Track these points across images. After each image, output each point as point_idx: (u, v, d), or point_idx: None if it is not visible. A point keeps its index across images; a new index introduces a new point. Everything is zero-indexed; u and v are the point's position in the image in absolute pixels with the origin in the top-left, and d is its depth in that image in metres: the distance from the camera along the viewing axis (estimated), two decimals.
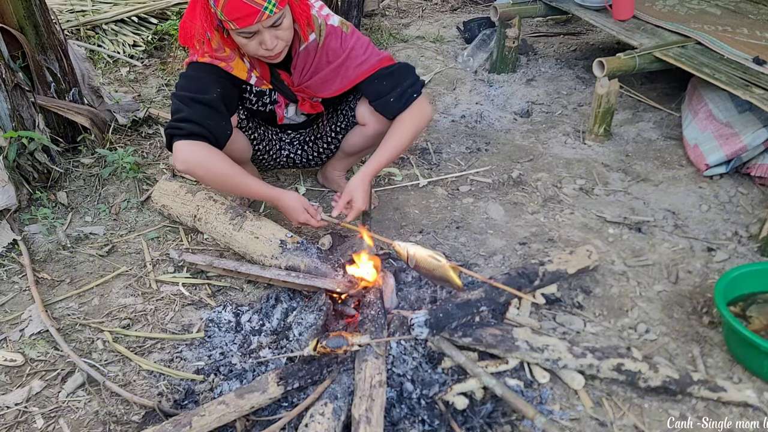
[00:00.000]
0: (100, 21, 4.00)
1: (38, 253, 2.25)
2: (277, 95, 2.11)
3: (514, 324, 1.82)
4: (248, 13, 1.69)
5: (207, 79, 1.90)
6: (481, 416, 1.58)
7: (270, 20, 1.73)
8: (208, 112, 1.86)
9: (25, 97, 2.50)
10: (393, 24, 4.43)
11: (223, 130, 1.90)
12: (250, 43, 1.80)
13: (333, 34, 1.99)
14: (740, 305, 1.86)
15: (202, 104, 1.86)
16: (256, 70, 2.00)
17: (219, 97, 1.88)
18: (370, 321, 1.70)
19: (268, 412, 1.59)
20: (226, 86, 1.93)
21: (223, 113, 1.90)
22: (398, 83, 2.01)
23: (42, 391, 1.74)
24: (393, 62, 2.05)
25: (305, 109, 2.16)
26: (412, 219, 2.39)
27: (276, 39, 1.79)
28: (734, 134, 2.49)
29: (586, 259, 2.01)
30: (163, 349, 1.85)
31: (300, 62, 2.00)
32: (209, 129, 1.85)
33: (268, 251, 2.03)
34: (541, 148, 2.87)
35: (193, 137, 1.84)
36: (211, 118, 1.86)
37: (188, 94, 1.87)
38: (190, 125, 1.83)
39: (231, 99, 1.97)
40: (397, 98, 2.01)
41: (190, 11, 1.81)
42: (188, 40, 1.86)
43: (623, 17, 3.05)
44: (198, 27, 1.80)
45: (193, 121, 1.83)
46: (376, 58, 2.02)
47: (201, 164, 1.85)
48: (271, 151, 2.34)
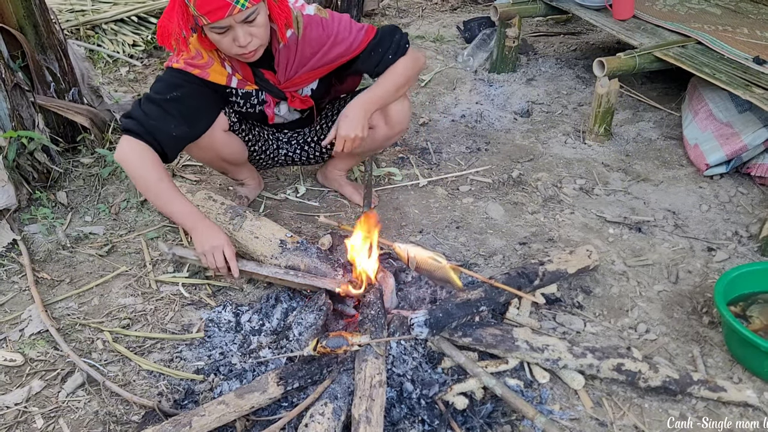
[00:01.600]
0: (99, 21, 3.99)
1: (38, 253, 2.24)
2: (265, 95, 2.09)
3: (514, 324, 1.82)
4: (219, 6, 1.68)
5: (170, 83, 1.92)
6: (481, 416, 1.58)
7: (242, 15, 1.71)
8: (156, 112, 1.88)
9: (24, 97, 2.50)
10: (393, 23, 4.42)
11: (166, 132, 1.89)
12: (223, 39, 1.79)
13: (312, 23, 1.96)
14: (740, 305, 1.86)
15: (153, 104, 1.89)
16: (237, 73, 1.99)
17: (173, 100, 1.89)
18: (370, 321, 1.70)
19: (268, 412, 1.59)
20: (193, 91, 1.93)
21: (173, 116, 1.90)
22: (389, 44, 2.02)
23: (42, 391, 1.73)
24: (375, 30, 2.04)
25: (296, 105, 2.15)
26: (412, 219, 2.39)
27: (249, 36, 1.78)
28: (734, 134, 2.49)
29: (586, 259, 2.01)
30: (163, 349, 1.85)
31: (282, 59, 1.98)
32: (148, 129, 1.86)
33: (267, 251, 2.03)
34: (541, 148, 2.87)
35: (130, 134, 1.87)
36: (156, 119, 1.87)
37: (148, 93, 1.92)
38: (130, 122, 1.88)
39: (197, 103, 1.96)
40: (393, 54, 2.03)
41: (168, 10, 1.80)
42: (165, 39, 1.84)
43: (623, 17, 3.05)
44: (174, 25, 1.79)
45: (134, 118, 1.88)
46: (363, 33, 2.00)
47: (129, 164, 1.87)
48: (267, 151, 2.33)
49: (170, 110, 1.90)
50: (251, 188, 2.46)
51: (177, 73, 1.92)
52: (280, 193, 2.56)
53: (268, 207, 2.47)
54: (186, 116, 1.93)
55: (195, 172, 2.68)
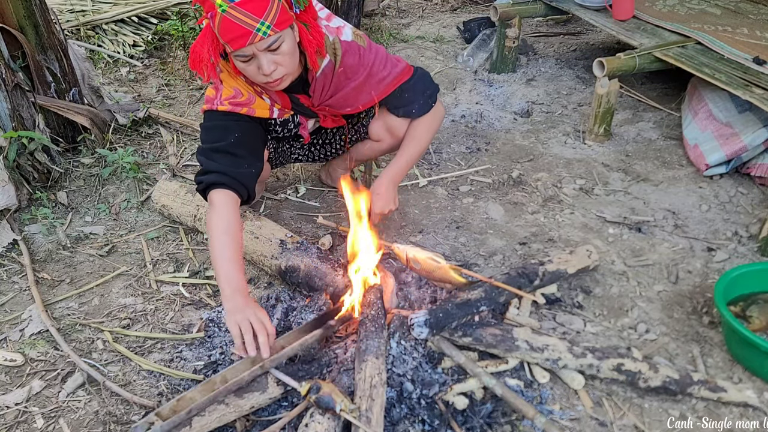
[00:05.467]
0: (100, 21, 4.00)
1: (38, 253, 2.25)
2: (299, 117, 2.09)
3: (514, 324, 1.82)
4: (240, 35, 1.65)
5: (224, 128, 1.90)
6: (481, 416, 1.58)
7: (264, 43, 1.68)
8: (229, 160, 1.85)
9: (25, 97, 2.50)
10: (393, 24, 4.42)
11: (246, 172, 1.88)
12: (248, 67, 1.77)
13: (350, 51, 1.94)
14: (740, 305, 1.86)
15: (220, 153, 1.86)
16: (277, 103, 1.98)
17: (236, 142, 1.88)
18: (370, 321, 1.70)
19: (268, 413, 1.60)
20: (247, 128, 1.92)
21: (244, 156, 1.88)
22: (419, 95, 2.04)
23: (42, 391, 1.74)
24: (411, 72, 2.05)
25: (327, 125, 2.16)
26: (412, 219, 2.39)
27: (274, 64, 1.74)
28: (734, 134, 2.49)
29: (586, 259, 2.01)
30: (163, 349, 1.85)
31: (318, 86, 1.97)
32: (232, 176, 1.83)
33: (267, 251, 2.03)
34: (541, 148, 2.87)
35: (216, 186, 1.82)
36: (234, 165, 1.85)
37: (208, 145, 1.89)
38: (213, 176, 1.83)
39: (255, 138, 1.96)
40: (419, 109, 2.06)
41: (201, 36, 1.79)
42: (197, 65, 1.82)
43: (623, 17, 3.05)
44: (204, 51, 1.78)
45: (213, 171, 1.83)
46: (398, 71, 2.01)
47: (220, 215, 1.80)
48: (282, 158, 2.36)
49: (239, 153, 1.87)
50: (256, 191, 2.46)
51: (225, 115, 1.90)
52: (280, 193, 2.56)
53: (268, 207, 2.47)
54: (253, 154, 1.93)
55: (194, 172, 2.68)
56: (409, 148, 2.10)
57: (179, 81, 3.60)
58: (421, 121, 2.08)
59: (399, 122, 2.11)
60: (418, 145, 2.10)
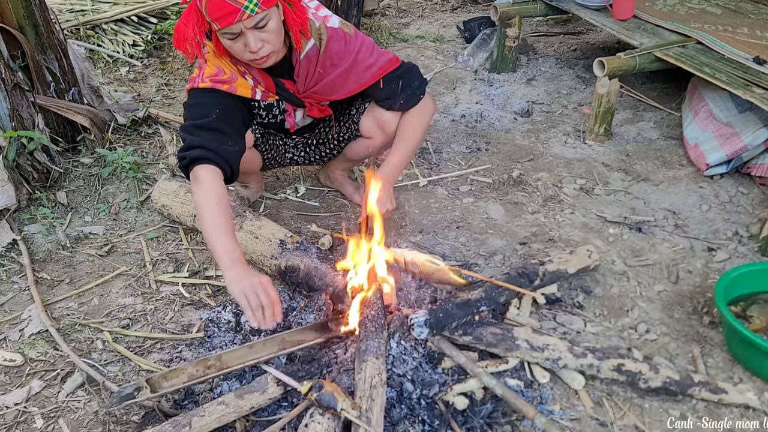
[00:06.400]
0: (99, 21, 3.99)
1: (38, 253, 2.24)
2: (285, 104, 2.09)
3: (515, 324, 1.82)
4: (228, 12, 1.67)
5: (206, 104, 1.89)
6: (481, 416, 1.57)
7: (252, 20, 1.70)
8: (211, 136, 1.85)
9: (24, 97, 2.50)
10: (393, 23, 4.42)
11: (230, 150, 1.87)
12: (235, 45, 1.78)
13: (335, 37, 1.96)
14: (741, 305, 1.86)
15: (203, 129, 1.85)
16: (260, 85, 1.98)
17: (218, 118, 1.87)
18: (370, 321, 1.69)
19: (268, 413, 1.59)
20: (228, 105, 1.91)
21: (227, 133, 1.88)
22: (406, 86, 2.04)
23: (42, 391, 1.73)
24: (399, 63, 2.05)
25: (314, 114, 2.15)
26: (412, 219, 2.39)
27: (261, 41, 1.76)
28: (735, 134, 2.49)
29: (586, 259, 2.01)
30: (163, 349, 1.85)
31: (303, 69, 1.97)
32: (216, 151, 1.82)
33: (267, 251, 2.03)
34: (541, 148, 2.87)
35: (200, 161, 1.81)
36: (216, 141, 1.84)
37: (191, 122, 1.87)
38: (195, 152, 1.82)
39: (236, 116, 1.94)
40: (406, 100, 2.05)
41: (185, 15, 1.79)
42: (181, 43, 1.83)
43: (623, 17, 3.05)
44: (189, 30, 1.78)
45: (196, 147, 1.82)
46: (384, 60, 2.01)
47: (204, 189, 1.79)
48: (277, 157, 2.35)
49: (221, 129, 1.86)
50: (254, 191, 2.47)
51: (207, 92, 1.90)
52: (279, 193, 2.56)
53: (268, 207, 2.47)
54: (235, 130, 1.92)
55: None
56: (401, 145, 2.09)
57: (179, 80, 3.60)
58: (410, 115, 2.08)
59: (389, 116, 2.10)
60: (410, 142, 2.10)
